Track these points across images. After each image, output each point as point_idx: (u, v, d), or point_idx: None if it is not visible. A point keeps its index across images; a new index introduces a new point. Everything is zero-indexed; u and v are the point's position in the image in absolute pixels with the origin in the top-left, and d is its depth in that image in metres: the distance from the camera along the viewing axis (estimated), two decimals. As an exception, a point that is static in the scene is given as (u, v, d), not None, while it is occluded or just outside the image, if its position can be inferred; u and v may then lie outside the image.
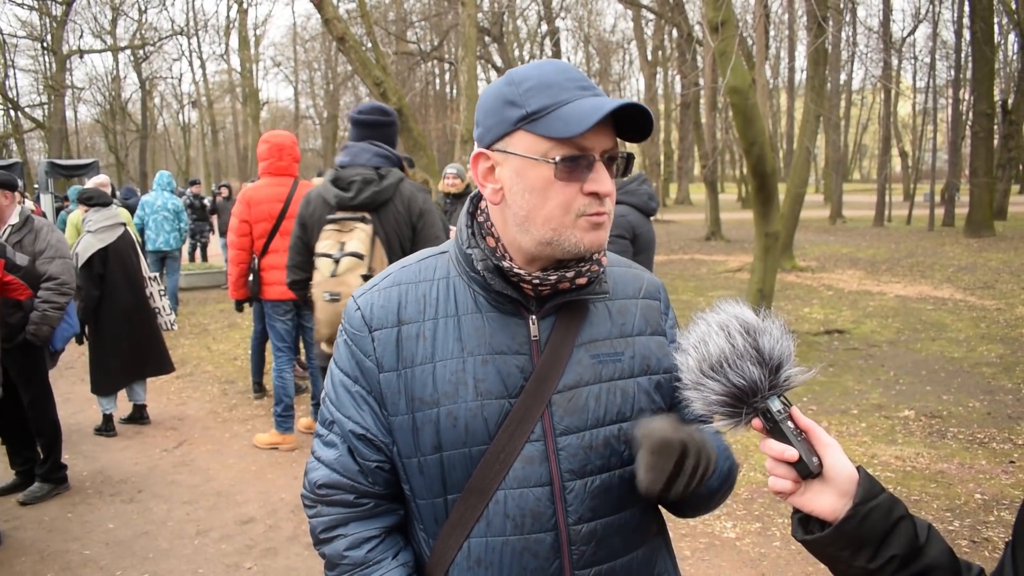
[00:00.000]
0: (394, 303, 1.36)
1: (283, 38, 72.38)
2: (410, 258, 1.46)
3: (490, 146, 1.31)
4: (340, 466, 1.37)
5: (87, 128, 53.93)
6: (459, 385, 1.30)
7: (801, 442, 1.10)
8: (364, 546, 1.37)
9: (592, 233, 1.27)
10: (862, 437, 5.97)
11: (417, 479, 1.35)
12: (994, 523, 4.51)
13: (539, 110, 1.23)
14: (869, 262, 16.36)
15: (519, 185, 1.27)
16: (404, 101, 12.35)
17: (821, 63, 16.10)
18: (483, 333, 1.33)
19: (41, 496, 5.13)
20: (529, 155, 1.25)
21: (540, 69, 1.28)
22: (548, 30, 36.76)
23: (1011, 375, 7.51)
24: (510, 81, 1.29)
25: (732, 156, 47.54)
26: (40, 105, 40.26)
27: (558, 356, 1.33)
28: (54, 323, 4.91)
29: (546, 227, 1.26)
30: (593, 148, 1.24)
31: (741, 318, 1.14)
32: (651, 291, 1.49)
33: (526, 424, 1.30)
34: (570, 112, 1.22)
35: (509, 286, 1.33)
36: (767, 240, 9.41)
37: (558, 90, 1.24)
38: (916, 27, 33.43)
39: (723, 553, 4.30)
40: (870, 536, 1.06)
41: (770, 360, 1.10)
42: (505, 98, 1.27)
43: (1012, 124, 23.89)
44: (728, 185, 55.40)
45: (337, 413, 1.38)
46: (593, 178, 1.25)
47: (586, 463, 1.32)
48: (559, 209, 1.25)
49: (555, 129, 1.22)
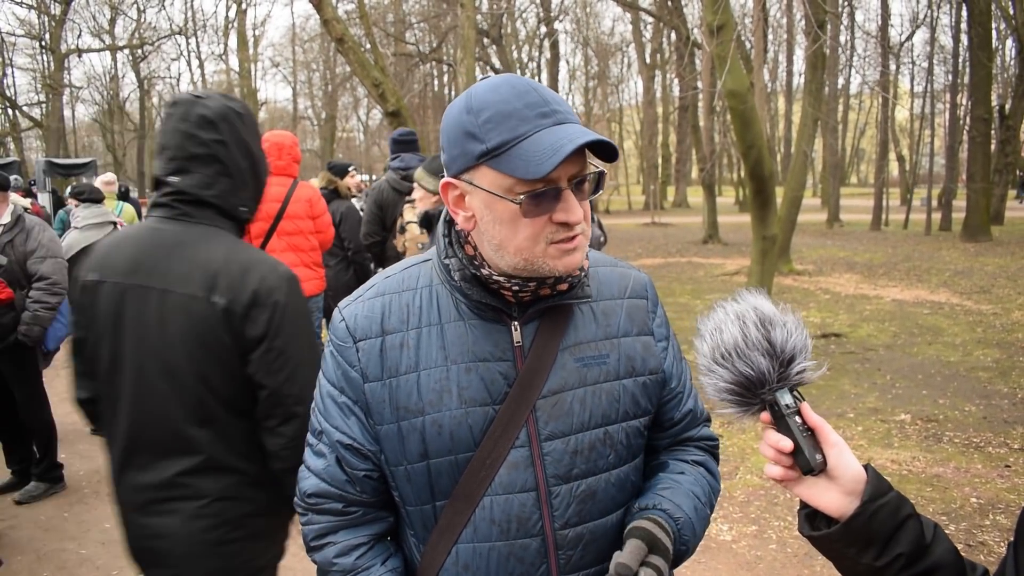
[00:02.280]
0: (377, 313, 1.37)
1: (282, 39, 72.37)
2: (394, 267, 1.46)
3: (457, 176, 1.30)
4: (328, 476, 1.39)
5: (85, 127, 53.84)
6: (443, 393, 1.31)
7: (806, 438, 1.10)
8: (353, 553, 1.39)
9: (565, 259, 1.27)
10: (858, 441, 5.98)
11: (405, 486, 1.36)
12: (990, 527, 4.52)
13: (499, 146, 1.21)
14: (866, 266, 16.38)
15: (489, 216, 1.27)
16: (402, 102, 12.36)
17: (819, 67, 16.11)
18: (466, 341, 1.33)
19: (37, 495, 5.13)
20: (494, 191, 1.24)
21: (498, 93, 1.24)
22: (547, 32, 36.81)
23: (1007, 379, 7.52)
24: (468, 108, 1.25)
25: (730, 159, 47.52)
26: (38, 104, 40.18)
27: (542, 361, 1.33)
28: (45, 323, 4.88)
29: (518, 256, 1.26)
30: (559, 178, 1.23)
31: (759, 309, 1.15)
32: (637, 290, 1.48)
33: (511, 430, 1.31)
34: (530, 149, 1.19)
35: (488, 294, 1.33)
36: (764, 243, 9.43)
37: (517, 121, 1.21)
38: (914, 32, 33.57)
39: (719, 556, 4.30)
40: (877, 534, 1.07)
41: (781, 353, 1.11)
42: (465, 129, 1.25)
43: (1009, 129, 23.90)
44: (726, 188, 55.36)
45: (325, 423, 1.39)
46: (561, 208, 1.24)
47: (571, 467, 1.33)
48: (528, 241, 1.25)
49: (516, 169, 1.20)
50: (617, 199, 47.55)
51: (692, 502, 1.41)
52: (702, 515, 1.43)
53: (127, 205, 9.96)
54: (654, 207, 35.39)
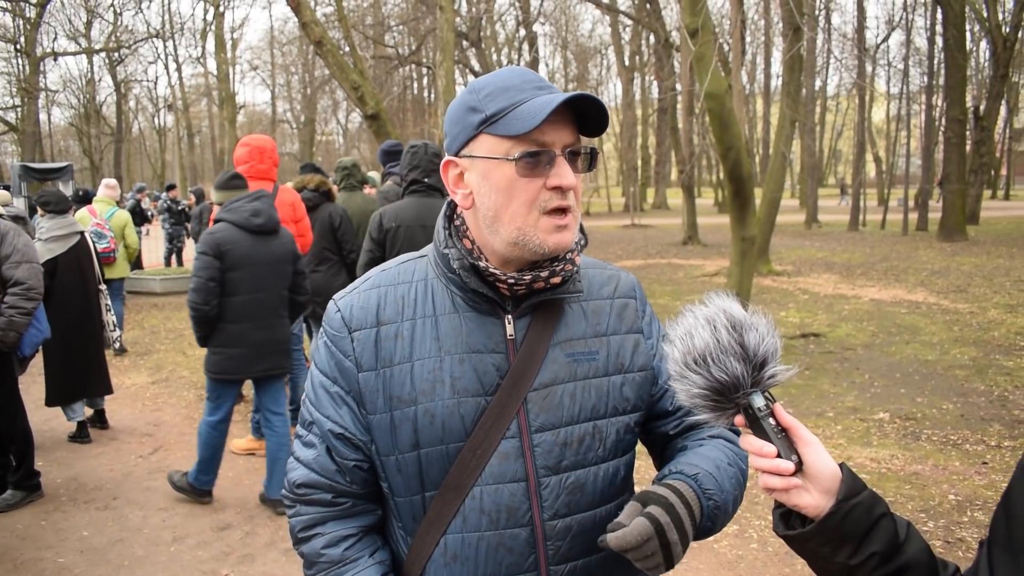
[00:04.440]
0: (373, 304, 1.39)
1: (260, 41, 72.06)
2: (390, 262, 1.49)
3: (457, 153, 1.35)
4: (318, 466, 1.39)
5: (61, 131, 53.38)
6: (436, 383, 1.33)
7: (781, 439, 1.11)
8: (341, 544, 1.39)
9: (556, 235, 1.30)
10: (838, 439, 6.02)
11: (395, 477, 1.36)
12: (967, 523, 4.56)
13: (497, 112, 1.28)
14: (844, 266, 16.52)
15: (486, 186, 1.31)
16: (382, 105, 12.33)
17: (796, 69, 16.24)
18: (460, 332, 1.35)
19: (14, 504, 5.06)
20: (492, 156, 1.29)
21: (499, 75, 1.34)
22: (526, 35, 36.80)
23: (984, 377, 7.60)
24: (472, 89, 1.34)
25: (709, 161, 47.81)
26: (13, 108, 39.74)
27: (534, 355, 1.36)
28: (21, 328, 4.82)
29: (512, 225, 1.30)
30: (553, 143, 1.28)
31: (729, 312, 1.15)
32: (625, 290, 1.51)
33: (502, 421, 1.32)
34: (526, 110, 1.26)
35: (485, 285, 1.35)
36: (743, 244, 9.48)
37: (515, 92, 1.29)
38: (889, 34, 33.98)
39: (700, 555, 4.32)
40: (851, 533, 1.08)
41: (754, 357, 1.11)
42: (467, 105, 1.32)
43: (984, 130, 24.21)
44: (705, 190, 55.70)
45: (316, 413, 1.40)
46: (555, 172, 1.28)
47: (561, 459, 1.35)
48: (523, 207, 1.29)
49: (512, 127, 1.26)
50: (597, 201, 47.69)
51: (710, 462, 1.38)
52: (727, 473, 1.39)
53: (120, 211, 9.46)
54: (634, 209, 35.55)
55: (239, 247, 4.62)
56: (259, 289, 4.70)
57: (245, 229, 4.67)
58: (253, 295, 4.69)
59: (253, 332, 4.70)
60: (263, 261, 4.70)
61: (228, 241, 4.60)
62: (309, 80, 45.79)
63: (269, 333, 4.78)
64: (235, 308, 4.65)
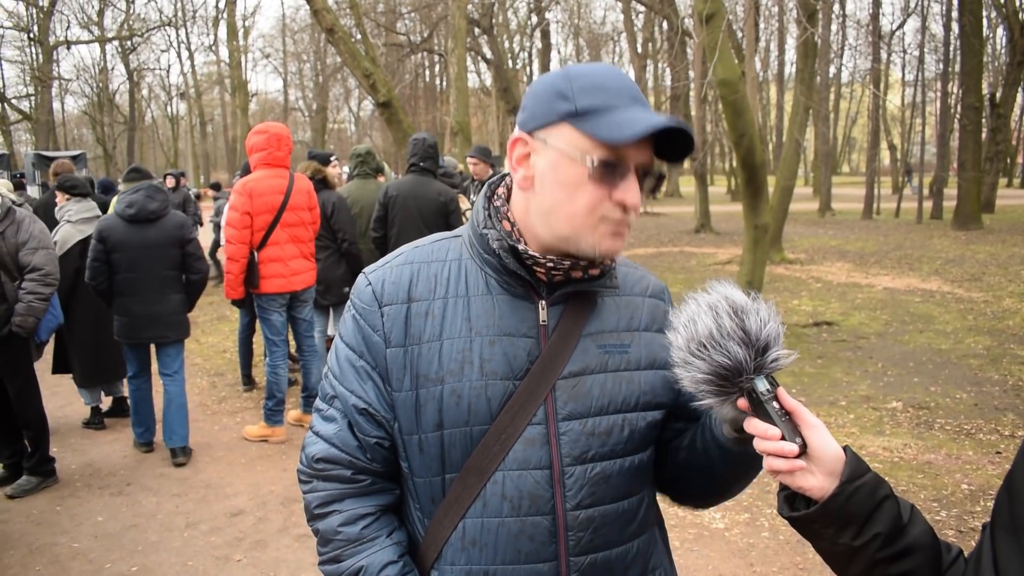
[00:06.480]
0: (405, 280, 1.37)
1: (272, 29, 72.12)
2: (424, 240, 1.47)
3: (531, 132, 1.31)
4: (339, 440, 1.37)
5: (74, 120, 53.59)
6: (464, 364, 1.31)
7: (785, 422, 1.12)
8: (359, 523, 1.37)
9: (611, 240, 1.29)
10: (850, 428, 6.00)
11: (416, 457, 1.35)
12: (981, 513, 4.55)
13: (588, 109, 1.24)
14: (858, 254, 16.43)
15: (551, 177, 1.28)
16: (393, 93, 12.32)
17: (810, 56, 16.09)
18: (492, 314, 1.34)
19: (29, 489, 5.11)
20: (568, 150, 1.26)
21: (596, 70, 1.30)
22: (538, 22, 36.68)
23: (998, 366, 7.56)
24: (566, 76, 1.29)
25: (722, 149, 47.53)
26: (27, 96, 39.97)
27: (565, 342, 1.34)
28: (39, 314, 4.88)
29: (568, 224, 1.28)
30: (631, 158, 1.25)
31: (730, 299, 1.16)
32: (657, 292, 1.52)
33: (529, 406, 1.31)
34: (622, 119, 1.22)
35: (523, 267, 1.33)
36: (756, 232, 9.43)
37: (611, 95, 1.25)
38: (905, 20, 33.68)
39: (712, 543, 4.32)
40: (855, 514, 1.09)
41: (756, 341, 1.12)
42: (557, 89, 1.28)
43: (1000, 117, 23.96)
44: (718, 178, 55.42)
45: (340, 387, 1.38)
46: (624, 187, 1.25)
47: (587, 449, 1.33)
48: (584, 210, 1.26)
49: (601, 132, 1.22)
50: (609, 189, 47.40)
51: None
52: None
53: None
54: (646, 197, 35.38)
55: (116, 233, 5.38)
56: (134, 269, 5.42)
57: (122, 218, 5.42)
58: (130, 274, 5.43)
59: (135, 305, 5.45)
60: (138, 245, 5.41)
61: (107, 228, 5.41)
62: (321, 68, 45.80)
63: (150, 307, 5.49)
64: (119, 284, 5.45)
